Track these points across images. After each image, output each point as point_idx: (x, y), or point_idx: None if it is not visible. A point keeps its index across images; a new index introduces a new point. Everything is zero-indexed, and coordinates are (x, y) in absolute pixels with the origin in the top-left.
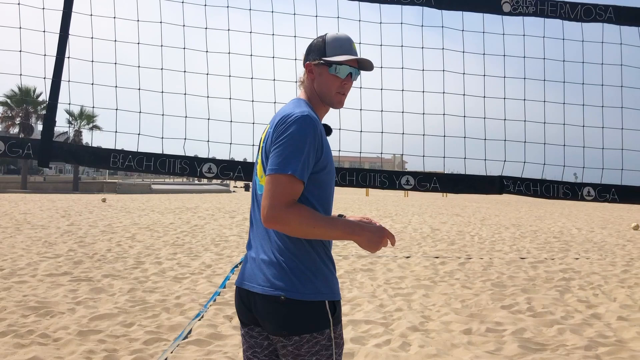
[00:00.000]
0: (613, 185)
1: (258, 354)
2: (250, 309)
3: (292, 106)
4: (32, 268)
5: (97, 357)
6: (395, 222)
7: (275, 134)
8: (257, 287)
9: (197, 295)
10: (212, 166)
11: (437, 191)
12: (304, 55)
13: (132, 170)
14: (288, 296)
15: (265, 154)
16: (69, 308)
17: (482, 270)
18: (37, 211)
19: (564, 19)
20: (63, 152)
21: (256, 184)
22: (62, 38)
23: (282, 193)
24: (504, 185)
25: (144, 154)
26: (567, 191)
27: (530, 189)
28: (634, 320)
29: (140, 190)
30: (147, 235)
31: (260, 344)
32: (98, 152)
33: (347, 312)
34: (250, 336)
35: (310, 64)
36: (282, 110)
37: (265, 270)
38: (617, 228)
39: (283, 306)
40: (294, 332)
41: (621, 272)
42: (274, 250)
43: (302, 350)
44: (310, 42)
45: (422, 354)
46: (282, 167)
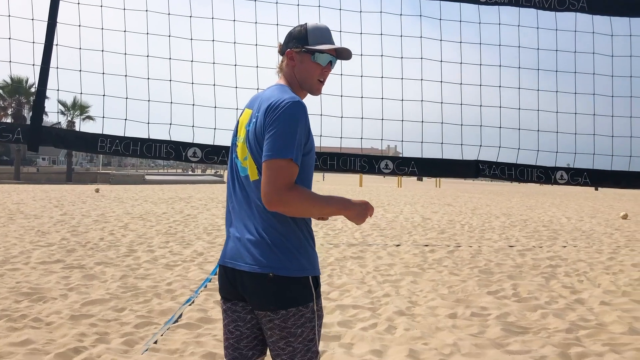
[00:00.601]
0: (585, 169)
1: (241, 327)
2: (235, 286)
3: (278, 92)
4: (25, 256)
5: (89, 340)
6: (387, 211)
7: (267, 119)
8: (244, 265)
9: (188, 281)
10: (196, 150)
11: (415, 175)
12: (284, 43)
13: (119, 154)
14: (276, 273)
15: (255, 138)
16: (61, 294)
17: (471, 258)
18: (30, 201)
19: (539, 9)
20: (52, 136)
21: (237, 166)
22: (50, 26)
23: (284, 177)
24: (480, 169)
25: (130, 138)
26: (541, 175)
27: (505, 172)
28: (616, 305)
29: (133, 180)
30: (140, 224)
31: (244, 318)
32: (86, 137)
33: (336, 297)
34: (233, 311)
35: (291, 52)
36: (268, 96)
37: (252, 249)
38: (606, 217)
39: (271, 283)
40: (281, 306)
41: (607, 260)
42: (260, 229)
43: (288, 323)
44: (290, 31)
45: (407, 336)
46: (281, 152)
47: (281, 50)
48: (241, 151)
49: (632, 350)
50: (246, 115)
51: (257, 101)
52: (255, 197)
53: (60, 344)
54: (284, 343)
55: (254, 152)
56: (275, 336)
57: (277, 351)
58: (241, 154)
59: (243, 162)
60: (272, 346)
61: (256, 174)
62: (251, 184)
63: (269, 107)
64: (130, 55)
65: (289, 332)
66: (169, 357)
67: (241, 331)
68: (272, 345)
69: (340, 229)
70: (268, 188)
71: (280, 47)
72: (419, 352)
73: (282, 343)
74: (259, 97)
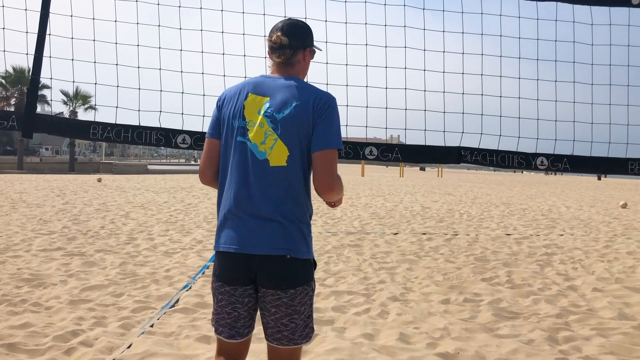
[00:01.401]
0: (565, 155)
1: (239, 309)
2: (241, 271)
3: (309, 85)
4: (27, 244)
5: (87, 323)
6: (387, 201)
7: (315, 111)
8: (263, 248)
9: (186, 268)
10: (186, 137)
11: (399, 161)
12: (300, 39)
13: (111, 141)
14: (292, 255)
15: (294, 126)
16: (61, 280)
17: (467, 246)
18: (33, 190)
19: None
20: (46, 123)
21: (252, 150)
22: (43, 15)
23: (336, 165)
24: (462, 155)
25: (121, 125)
26: (522, 161)
27: (486, 158)
28: (608, 292)
29: (136, 170)
30: (141, 213)
31: (242, 302)
32: (78, 124)
33: (332, 284)
34: (231, 295)
35: (308, 49)
36: (307, 92)
37: (271, 232)
38: (605, 206)
39: (287, 264)
40: (291, 285)
41: (603, 248)
42: (278, 214)
43: (295, 301)
44: (303, 28)
45: (399, 321)
46: (337, 143)
47: (293, 45)
48: (256, 135)
49: (619, 334)
50: (257, 101)
51: (274, 89)
52: (273, 181)
53: (59, 327)
54: (288, 319)
55: (291, 139)
56: (280, 313)
57: (278, 327)
58: (256, 138)
59: (261, 146)
60: (273, 323)
61: (283, 160)
62: (271, 169)
63: (317, 99)
64: (120, 45)
65: (294, 310)
66: (164, 339)
67: (239, 312)
68: (274, 322)
69: (340, 217)
70: (326, 175)
71: (287, 42)
72: (409, 335)
73: (287, 319)
74: (272, 85)
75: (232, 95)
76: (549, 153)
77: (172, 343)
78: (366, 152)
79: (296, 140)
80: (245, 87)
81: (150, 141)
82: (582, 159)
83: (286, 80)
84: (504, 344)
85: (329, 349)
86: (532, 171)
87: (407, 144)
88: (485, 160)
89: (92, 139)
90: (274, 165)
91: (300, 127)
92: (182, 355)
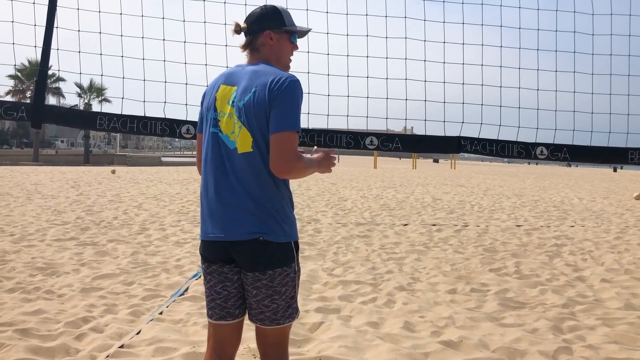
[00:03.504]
0: (565, 145)
1: (228, 287)
2: (223, 251)
3: (272, 69)
4: (41, 234)
5: (97, 310)
6: (398, 192)
7: (271, 94)
8: (236, 234)
9: (197, 257)
10: (190, 127)
11: (399, 151)
12: (255, 23)
13: (117, 131)
14: (265, 238)
15: (254, 111)
16: (73, 269)
17: (477, 237)
18: (48, 182)
19: None
20: (53, 114)
21: (224, 140)
22: (51, 9)
23: (294, 147)
24: (462, 145)
25: (127, 116)
26: (521, 150)
27: (486, 148)
28: (617, 282)
29: (150, 162)
30: (154, 204)
31: (231, 279)
32: (85, 115)
33: (340, 274)
34: (219, 273)
35: (270, 32)
36: (264, 72)
37: (243, 217)
38: (619, 198)
39: (261, 246)
40: (269, 267)
41: (613, 239)
42: (248, 199)
43: (274, 282)
44: (260, 12)
45: (405, 310)
46: (292, 126)
47: (251, 30)
48: (226, 125)
49: (624, 324)
50: (226, 91)
51: (241, 77)
52: (243, 169)
53: (70, 313)
54: (269, 301)
55: (252, 125)
56: (261, 294)
57: (260, 309)
58: (227, 128)
59: (231, 136)
60: (255, 305)
61: (249, 146)
62: (239, 156)
63: (273, 82)
64: (126, 37)
65: (274, 291)
66: (173, 326)
67: (229, 291)
68: (256, 304)
69: (350, 209)
70: (280, 157)
71: (246, 27)
72: (414, 324)
73: (267, 301)
74: (241, 74)
75: (210, 89)
76: (548, 143)
77: (180, 330)
78: (367, 142)
79: (256, 125)
80: (220, 79)
81: (155, 131)
82: (581, 149)
83: (253, 66)
84: (508, 333)
85: (333, 336)
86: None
87: (407, 134)
88: (485, 149)
89: (98, 129)
90: (241, 152)
91: (259, 112)
92: (189, 342)
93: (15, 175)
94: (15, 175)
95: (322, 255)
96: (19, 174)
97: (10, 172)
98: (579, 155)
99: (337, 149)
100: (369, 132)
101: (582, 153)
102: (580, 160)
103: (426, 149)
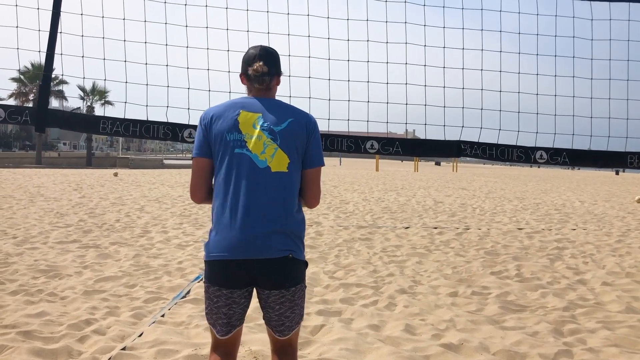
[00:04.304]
0: (564, 149)
1: (234, 309)
2: (246, 274)
3: (291, 105)
4: (44, 236)
5: (100, 313)
6: (400, 195)
7: (308, 129)
8: (267, 253)
9: (198, 260)
10: (192, 131)
11: (400, 155)
12: (275, 66)
13: (120, 135)
14: (294, 256)
15: (292, 139)
16: (76, 271)
17: (478, 240)
18: (51, 184)
19: None
20: (57, 118)
21: (253, 159)
22: (55, 15)
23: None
24: (462, 149)
25: (130, 120)
26: (521, 154)
27: (486, 152)
28: (618, 286)
29: (152, 165)
30: (156, 207)
31: (238, 302)
32: (88, 119)
33: (341, 276)
34: (227, 297)
35: (281, 74)
36: (296, 111)
37: (276, 236)
38: (621, 201)
39: (289, 264)
40: (294, 284)
41: (615, 242)
42: (281, 218)
43: (295, 296)
44: (277, 53)
45: (405, 312)
46: (323, 161)
47: (272, 73)
48: (255, 146)
49: (625, 327)
50: (249, 117)
51: (261, 108)
52: (274, 187)
53: (73, 316)
54: (289, 312)
55: (291, 148)
56: (284, 308)
57: (282, 321)
58: (257, 149)
59: (261, 156)
60: (277, 318)
61: (284, 167)
62: (272, 174)
63: (307, 118)
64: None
65: (295, 304)
66: (174, 329)
67: (234, 311)
68: (277, 317)
69: (352, 211)
70: (318, 189)
71: (268, 69)
72: (415, 327)
73: (288, 312)
74: (259, 105)
75: (221, 114)
76: (548, 147)
77: (182, 332)
78: (367, 146)
79: (294, 149)
80: (234, 105)
81: (158, 135)
82: (581, 153)
83: (270, 101)
84: (509, 336)
85: (334, 339)
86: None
87: (407, 138)
88: (485, 153)
89: (101, 133)
90: (275, 171)
91: (296, 139)
92: (191, 344)
93: (18, 178)
94: (18, 178)
95: (324, 258)
96: (21, 176)
97: (13, 174)
98: (579, 159)
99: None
100: (370, 136)
101: (581, 157)
102: (579, 165)
103: (426, 153)
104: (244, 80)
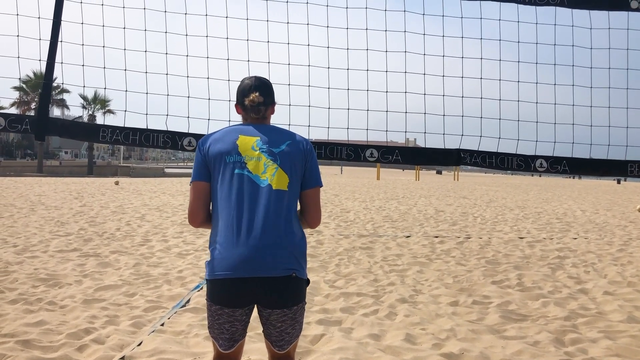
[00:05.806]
0: (564, 158)
1: (237, 326)
2: (249, 293)
3: (286, 130)
4: (44, 245)
5: (99, 321)
6: (401, 204)
7: (305, 151)
8: (272, 271)
9: (198, 269)
10: (192, 140)
11: (399, 163)
12: (271, 96)
13: (120, 143)
14: (297, 275)
15: (291, 159)
16: (76, 280)
17: (479, 249)
18: (52, 193)
19: (519, 3)
20: (57, 127)
21: (254, 179)
22: (55, 24)
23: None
24: (461, 158)
25: (130, 128)
26: (521, 163)
27: (486, 160)
28: (619, 295)
29: (153, 173)
30: (157, 215)
31: (240, 320)
32: (89, 127)
33: (342, 285)
34: (229, 315)
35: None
36: (293, 134)
37: (280, 254)
38: (622, 210)
39: (292, 283)
40: (297, 302)
41: (617, 251)
42: (284, 237)
43: (297, 314)
44: (270, 83)
45: (406, 322)
46: (321, 182)
47: (267, 102)
48: (255, 167)
49: (626, 337)
50: (247, 140)
51: (259, 132)
52: (275, 206)
53: (72, 325)
54: (290, 328)
55: (291, 169)
56: (285, 325)
57: (283, 336)
58: (257, 169)
59: (262, 176)
60: (277, 334)
61: (284, 186)
62: (273, 192)
63: (305, 143)
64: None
65: (296, 321)
66: (174, 338)
67: (237, 328)
68: (279, 333)
69: (352, 220)
70: (318, 209)
71: (264, 99)
72: (416, 336)
73: (289, 329)
74: (256, 130)
75: (220, 138)
76: (548, 155)
77: (182, 341)
78: (367, 154)
79: (293, 169)
80: (232, 130)
81: (157, 143)
82: (581, 161)
83: (267, 126)
84: (510, 345)
85: (334, 348)
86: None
87: (407, 146)
88: (485, 162)
89: (101, 141)
90: (277, 188)
91: (295, 160)
92: (190, 353)
93: (19, 187)
94: (19, 187)
95: (324, 267)
96: (22, 185)
97: (14, 183)
98: (579, 167)
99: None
100: (369, 144)
101: (581, 165)
102: (579, 173)
103: (426, 162)
104: (240, 110)
